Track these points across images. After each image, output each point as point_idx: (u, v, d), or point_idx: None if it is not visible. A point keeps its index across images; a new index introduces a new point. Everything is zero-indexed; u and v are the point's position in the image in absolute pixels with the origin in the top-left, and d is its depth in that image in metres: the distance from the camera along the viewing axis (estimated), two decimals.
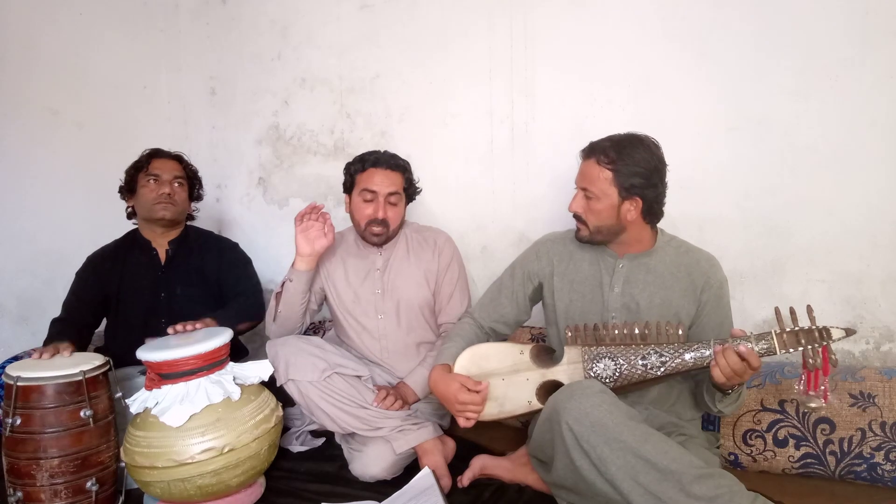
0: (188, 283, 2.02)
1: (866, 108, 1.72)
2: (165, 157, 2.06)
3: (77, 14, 2.43)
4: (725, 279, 1.54)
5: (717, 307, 1.51)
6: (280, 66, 2.53)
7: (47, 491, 1.45)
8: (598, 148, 1.51)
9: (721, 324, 1.51)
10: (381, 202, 1.85)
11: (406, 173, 1.93)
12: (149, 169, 2.01)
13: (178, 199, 2.03)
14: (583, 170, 1.54)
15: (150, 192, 1.99)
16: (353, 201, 1.92)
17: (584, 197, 1.52)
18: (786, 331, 1.31)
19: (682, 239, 1.61)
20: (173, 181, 2.02)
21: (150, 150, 2.07)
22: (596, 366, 1.43)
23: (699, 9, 1.86)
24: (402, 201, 1.92)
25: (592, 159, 1.50)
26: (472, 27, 2.16)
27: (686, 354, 1.37)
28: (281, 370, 1.72)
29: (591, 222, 1.53)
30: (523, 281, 1.71)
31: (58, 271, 2.17)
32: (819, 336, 1.28)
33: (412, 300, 1.92)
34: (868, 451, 1.55)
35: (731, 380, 1.32)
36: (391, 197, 1.87)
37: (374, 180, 1.86)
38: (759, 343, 1.31)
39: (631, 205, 1.49)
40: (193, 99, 2.72)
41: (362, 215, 1.88)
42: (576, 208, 1.55)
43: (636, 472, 1.21)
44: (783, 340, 1.30)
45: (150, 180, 2.00)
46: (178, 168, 2.06)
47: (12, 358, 1.88)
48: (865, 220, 1.74)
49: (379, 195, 1.85)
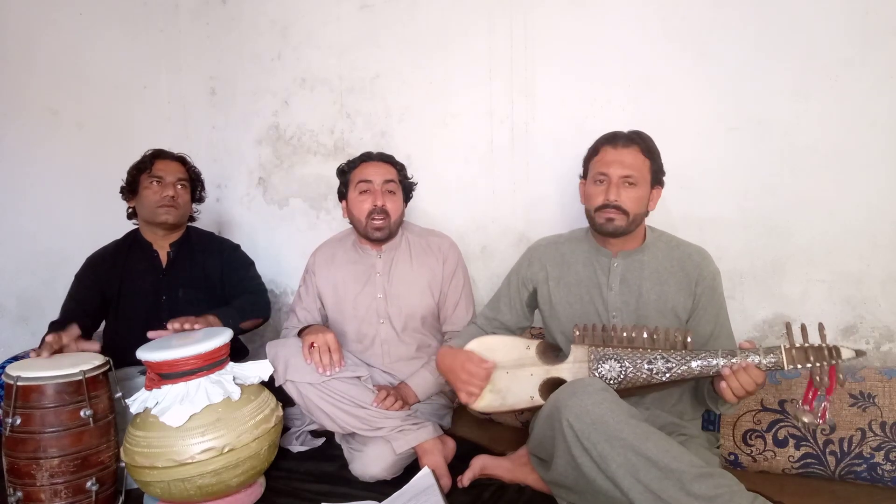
0: (190, 286, 2.01)
1: (866, 108, 1.72)
2: (169, 159, 2.04)
3: (77, 14, 2.43)
4: (718, 270, 1.56)
5: (711, 298, 1.53)
6: (280, 66, 2.53)
7: (47, 491, 1.45)
8: (636, 137, 1.54)
9: (717, 315, 1.53)
10: (379, 191, 1.85)
11: (399, 169, 1.95)
12: (152, 170, 1.99)
13: (180, 203, 2.01)
14: (623, 158, 1.51)
15: (152, 195, 1.97)
16: (350, 200, 1.91)
17: (628, 184, 1.51)
18: (795, 346, 1.29)
19: (670, 234, 1.63)
20: (176, 183, 2.00)
21: (153, 150, 2.05)
22: (601, 366, 1.43)
23: (699, 9, 1.86)
24: (400, 192, 1.92)
25: (635, 147, 1.52)
26: (472, 27, 2.16)
27: (693, 362, 1.36)
28: (280, 370, 1.72)
29: (632, 210, 1.52)
30: (518, 288, 1.73)
31: (58, 271, 2.17)
32: (829, 354, 1.26)
33: (415, 309, 1.91)
34: (868, 451, 1.55)
35: (740, 398, 1.33)
36: (388, 185, 1.87)
37: (367, 171, 1.88)
38: (766, 357, 1.30)
39: (656, 193, 1.56)
40: (193, 99, 2.72)
41: (361, 210, 1.87)
42: (616, 197, 1.51)
43: (637, 470, 1.21)
44: (792, 356, 1.28)
45: (154, 182, 1.98)
46: (181, 170, 2.04)
47: (12, 358, 1.88)
48: (865, 220, 1.74)
49: (375, 184, 1.86)
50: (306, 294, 2.01)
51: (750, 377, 1.29)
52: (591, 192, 1.55)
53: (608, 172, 1.51)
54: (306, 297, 2.01)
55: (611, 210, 1.51)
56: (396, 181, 1.91)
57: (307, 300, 2.00)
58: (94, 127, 2.47)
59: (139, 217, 2.04)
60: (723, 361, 1.32)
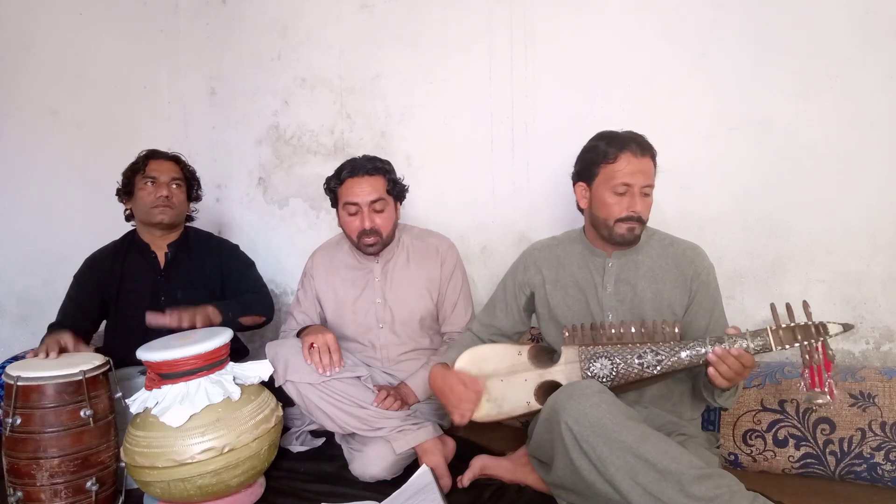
0: (189, 287, 2.00)
1: (866, 108, 1.71)
2: (162, 159, 2.03)
3: (77, 14, 2.43)
4: (712, 265, 1.56)
5: (706, 293, 1.53)
6: (280, 66, 2.53)
7: (47, 491, 1.45)
8: (647, 144, 1.51)
9: (712, 309, 1.53)
10: (366, 212, 1.80)
11: (387, 175, 1.84)
12: (146, 171, 1.98)
13: (175, 202, 2.00)
14: (644, 168, 1.49)
15: (147, 195, 1.96)
16: (340, 216, 1.89)
17: (643, 195, 1.50)
18: (781, 327, 1.30)
19: (663, 232, 1.63)
20: (171, 183, 1.99)
21: (146, 151, 2.04)
22: (593, 365, 1.43)
23: (699, 9, 1.86)
24: (390, 204, 1.86)
25: (649, 156, 1.51)
26: (472, 27, 2.16)
27: (682, 352, 1.36)
28: (280, 371, 1.72)
29: (647, 218, 1.52)
30: (515, 292, 1.72)
31: (57, 271, 2.17)
32: (816, 332, 1.27)
33: (414, 311, 1.91)
34: (868, 451, 1.55)
35: (732, 381, 1.33)
36: (375, 204, 1.81)
37: (353, 192, 1.80)
38: (754, 340, 1.30)
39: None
40: (193, 99, 2.72)
41: (351, 229, 1.84)
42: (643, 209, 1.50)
43: (635, 473, 1.21)
44: (779, 337, 1.29)
45: (148, 182, 1.97)
46: (175, 169, 2.03)
47: (12, 358, 1.88)
48: (865, 220, 1.74)
49: (362, 206, 1.80)
50: (305, 298, 2.01)
51: (737, 360, 1.30)
52: (610, 201, 1.50)
53: (632, 183, 1.48)
54: (305, 301, 2.00)
55: (634, 221, 1.49)
56: (385, 196, 1.82)
57: (305, 304, 2.00)
58: (93, 127, 2.47)
59: (136, 218, 2.04)
60: (711, 349, 1.33)
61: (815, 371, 1.28)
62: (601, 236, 1.57)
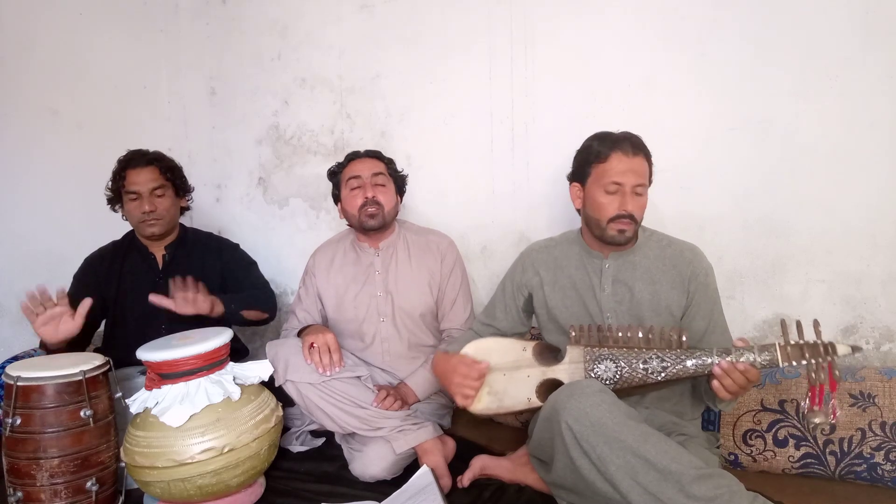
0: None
1: (866, 108, 1.71)
2: (139, 167, 1.95)
3: (77, 14, 2.43)
4: (710, 266, 1.56)
5: (705, 294, 1.53)
6: (280, 66, 2.53)
7: (47, 491, 1.45)
8: (640, 143, 1.51)
9: (711, 311, 1.53)
10: (368, 184, 1.88)
11: (388, 162, 1.98)
12: (126, 185, 1.94)
13: (162, 211, 1.96)
14: (635, 166, 1.49)
15: (133, 209, 1.95)
16: (343, 199, 1.94)
17: (637, 193, 1.50)
18: (790, 344, 1.29)
19: (661, 233, 1.63)
20: (152, 194, 1.95)
21: (123, 159, 1.98)
22: (597, 367, 1.43)
23: (699, 9, 1.86)
24: (391, 185, 1.94)
25: (642, 156, 1.51)
26: (472, 27, 2.16)
27: (688, 361, 1.36)
28: (280, 370, 1.73)
29: (639, 218, 1.53)
30: (514, 294, 1.72)
31: (57, 271, 2.16)
32: (824, 351, 1.25)
33: (414, 307, 1.92)
34: (868, 451, 1.55)
35: (735, 395, 1.33)
36: (377, 178, 1.90)
37: (356, 168, 1.92)
38: (761, 354, 1.29)
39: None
40: (193, 99, 2.72)
41: (354, 205, 1.89)
42: (634, 208, 1.50)
43: (635, 472, 1.21)
44: (787, 353, 1.28)
45: (130, 197, 1.94)
46: (154, 176, 1.95)
47: (12, 358, 1.88)
48: (865, 220, 1.74)
49: (364, 178, 1.89)
50: (306, 296, 2.01)
51: (743, 375, 1.29)
52: (602, 200, 1.50)
53: (623, 182, 1.48)
54: (306, 299, 2.01)
55: (625, 220, 1.49)
56: (386, 174, 1.94)
57: (307, 302, 2.01)
58: (93, 127, 2.47)
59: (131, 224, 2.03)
60: (717, 360, 1.32)
61: (819, 390, 1.26)
62: (595, 237, 1.57)
